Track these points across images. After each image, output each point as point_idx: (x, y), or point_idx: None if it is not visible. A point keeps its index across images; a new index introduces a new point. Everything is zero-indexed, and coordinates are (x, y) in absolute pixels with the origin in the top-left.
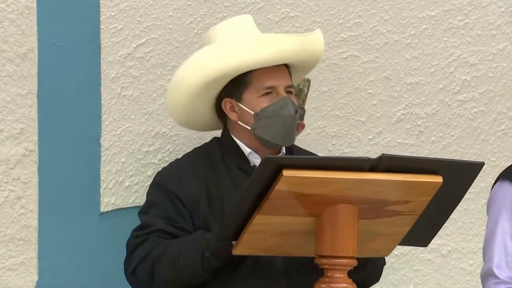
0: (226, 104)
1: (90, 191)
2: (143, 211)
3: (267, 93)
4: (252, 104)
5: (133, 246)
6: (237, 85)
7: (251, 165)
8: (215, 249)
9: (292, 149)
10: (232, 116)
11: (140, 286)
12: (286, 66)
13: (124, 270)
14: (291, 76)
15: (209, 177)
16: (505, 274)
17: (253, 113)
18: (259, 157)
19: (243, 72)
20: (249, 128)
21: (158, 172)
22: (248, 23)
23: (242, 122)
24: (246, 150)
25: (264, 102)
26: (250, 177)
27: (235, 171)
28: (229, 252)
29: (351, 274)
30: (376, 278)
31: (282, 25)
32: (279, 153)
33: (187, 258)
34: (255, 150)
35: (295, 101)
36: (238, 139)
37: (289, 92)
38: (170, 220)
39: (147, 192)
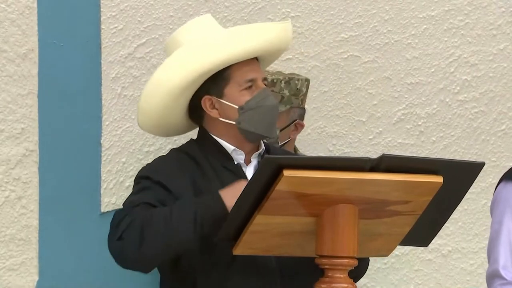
0: (206, 101)
1: (91, 191)
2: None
3: (248, 86)
4: (234, 98)
5: (118, 218)
6: (216, 82)
7: (235, 163)
8: (208, 205)
9: (269, 148)
10: (213, 113)
11: (127, 252)
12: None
13: (108, 241)
14: None
15: (197, 177)
16: (511, 275)
17: (237, 107)
18: (243, 154)
19: (225, 67)
20: (233, 123)
21: (141, 169)
22: (211, 21)
23: (224, 118)
24: (229, 147)
25: (246, 95)
26: (235, 175)
27: (221, 170)
28: (223, 210)
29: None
30: (363, 273)
31: None
32: (258, 150)
33: (179, 217)
34: (238, 147)
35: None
36: (219, 138)
37: (265, 85)
38: (159, 201)
39: (133, 188)
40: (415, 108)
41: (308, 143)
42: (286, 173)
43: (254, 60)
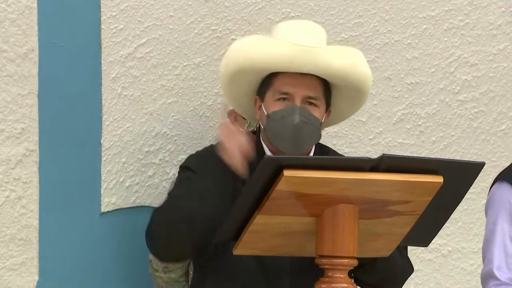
0: (256, 102)
1: (91, 191)
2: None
3: (283, 99)
4: (268, 105)
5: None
6: (263, 85)
7: None
8: None
9: (327, 153)
10: (258, 114)
11: (155, 240)
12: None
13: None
14: (328, 91)
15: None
16: (505, 275)
17: (266, 114)
18: None
19: (273, 73)
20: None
21: (189, 156)
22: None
23: (261, 122)
24: (267, 152)
25: (277, 106)
26: None
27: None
28: None
29: (366, 276)
30: (395, 281)
31: None
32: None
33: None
34: (274, 153)
35: (317, 114)
36: (262, 140)
37: (310, 104)
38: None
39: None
40: (415, 108)
41: None
42: (286, 173)
43: (305, 76)
